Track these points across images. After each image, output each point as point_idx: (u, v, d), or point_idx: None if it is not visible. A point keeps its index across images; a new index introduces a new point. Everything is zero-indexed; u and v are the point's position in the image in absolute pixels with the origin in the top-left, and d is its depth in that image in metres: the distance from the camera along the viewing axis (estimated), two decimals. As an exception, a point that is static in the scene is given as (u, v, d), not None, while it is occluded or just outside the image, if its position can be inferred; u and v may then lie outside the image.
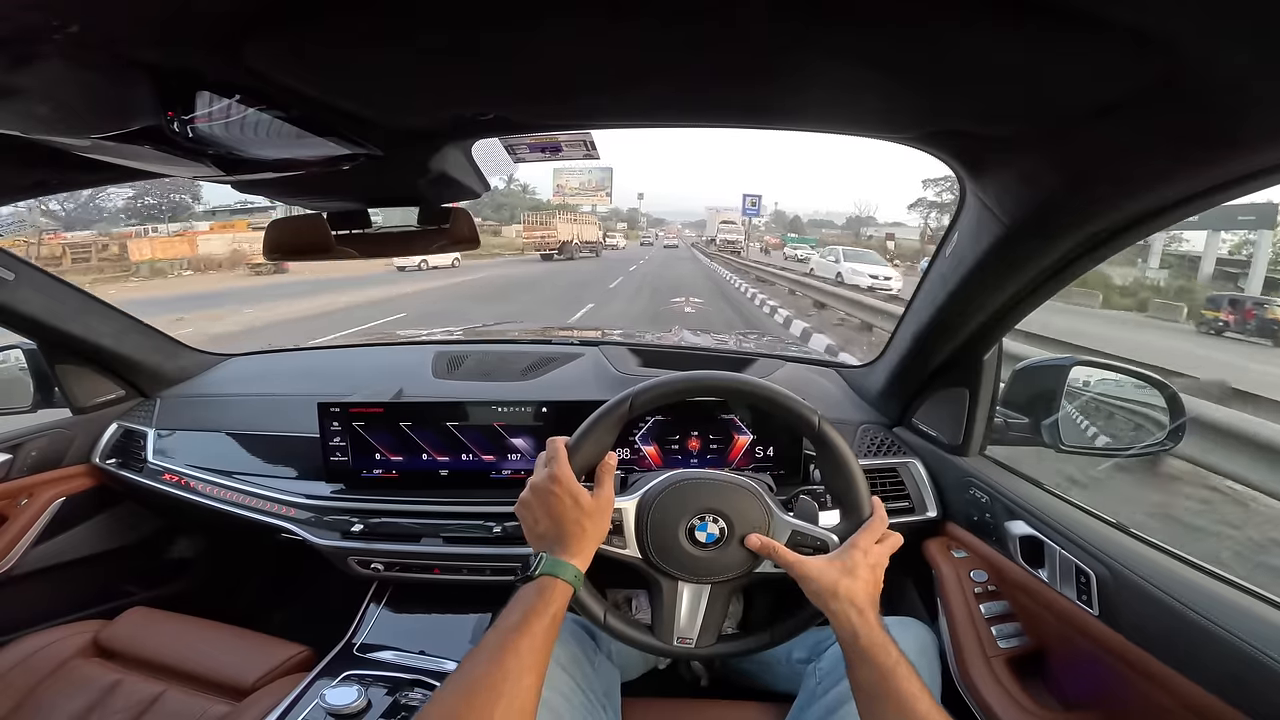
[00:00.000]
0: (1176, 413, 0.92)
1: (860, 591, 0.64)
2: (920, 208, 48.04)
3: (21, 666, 0.97)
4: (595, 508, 0.67)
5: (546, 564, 0.63)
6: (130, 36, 0.41)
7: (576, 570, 0.64)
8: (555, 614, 0.60)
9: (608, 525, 0.70)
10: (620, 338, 1.61)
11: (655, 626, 0.76)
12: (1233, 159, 0.48)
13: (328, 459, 1.10)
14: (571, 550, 0.65)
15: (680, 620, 0.75)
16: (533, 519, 0.68)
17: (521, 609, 0.59)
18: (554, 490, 0.66)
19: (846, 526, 0.73)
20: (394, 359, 1.61)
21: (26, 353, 1.29)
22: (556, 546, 0.66)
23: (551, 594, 0.61)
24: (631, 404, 0.74)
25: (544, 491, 0.67)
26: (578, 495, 0.66)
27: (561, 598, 0.61)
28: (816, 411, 0.74)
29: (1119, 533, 0.79)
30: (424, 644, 1.03)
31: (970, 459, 1.02)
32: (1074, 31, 0.38)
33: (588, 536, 0.67)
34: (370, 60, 0.48)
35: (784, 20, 0.41)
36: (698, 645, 0.75)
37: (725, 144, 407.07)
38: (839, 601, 0.64)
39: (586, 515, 0.66)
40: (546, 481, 0.67)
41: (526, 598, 0.60)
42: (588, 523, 0.66)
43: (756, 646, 0.77)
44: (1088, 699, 0.79)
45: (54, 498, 1.26)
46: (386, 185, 0.80)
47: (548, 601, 0.60)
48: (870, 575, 0.66)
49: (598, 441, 0.73)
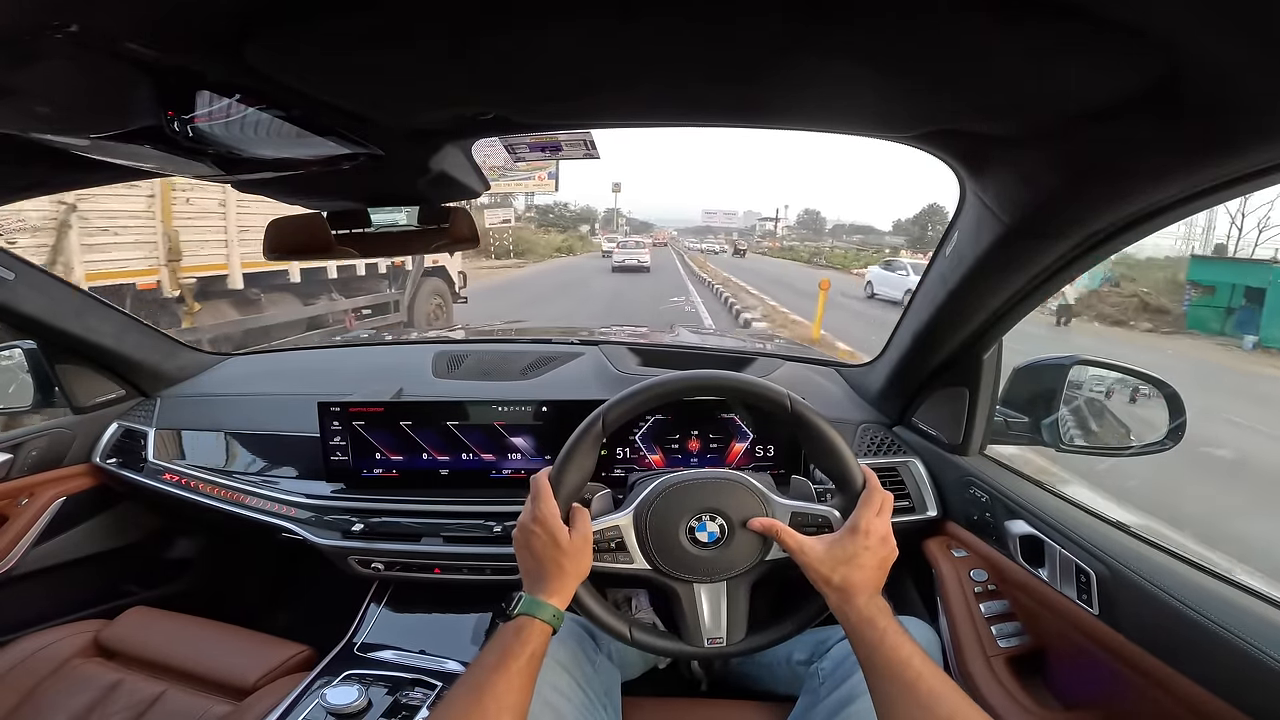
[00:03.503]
0: (1176, 412, 0.91)
1: (858, 579, 0.65)
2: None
3: (22, 666, 0.97)
4: (573, 547, 0.68)
5: (525, 604, 0.65)
6: (130, 35, 0.40)
7: (555, 609, 0.65)
8: (532, 654, 0.61)
9: (588, 562, 0.70)
10: (620, 337, 1.61)
11: (683, 632, 0.76)
12: (1231, 158, 0.48)
13: (328, 458, 1.10)
14: (550, 589, 0.66)
15: (705, 621, 0.75)
16: (521, 557, 0.70)
17: (499, 650, 0.60)
18: (534, 530, 0.68)
19: (844, 501, 0.73)
20: (394, 359, 1.61)
21: (27, 352, 1.29)
22: (537, 586, 0.67)
23: (529, 634, 0.62)
24: (604, 422, 0.74)
25: (527, 531, 0.69)
26: (556, 534, 0.68)
27: (538, 637, 0.62)
28: (788, 394, 0.74)
29: (1119, 532, 0.79)
30: (425, 643, 1.03)
31: (970, 458, 1.02)
32: (1073, 30, 0.38)
33: (566, 575, 0.67)
34: (370, 60, 0.48)
35: (784, 20, 0.41)
36: (729, 643, 0.75)
37: (735, 148, 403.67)
38: (833, 589, 0.65)
39: (565, 555, 0.67)
40: (529, 521, 0.69)
41: (504, 638, 0.61)
42: (566, 562, 0.67)
43: (783, 635, 0.77)
44: (1087, 698, 0.79)
45: (54, 497, 1.26)
46: (386, 185, 0.80)
47: (524, 642, 0.61)
48: (873, 559, 0.66)
49: (579, 466, 0.73)
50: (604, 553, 0.74)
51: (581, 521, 0.70)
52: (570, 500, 0.72)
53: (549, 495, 0.70)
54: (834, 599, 0.66)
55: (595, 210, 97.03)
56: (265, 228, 0.84)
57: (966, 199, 0.76)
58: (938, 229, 10.20)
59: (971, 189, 0.73)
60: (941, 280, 0.87)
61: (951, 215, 0.82)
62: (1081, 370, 0.99)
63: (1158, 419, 0.93)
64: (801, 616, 0.76)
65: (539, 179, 11.90)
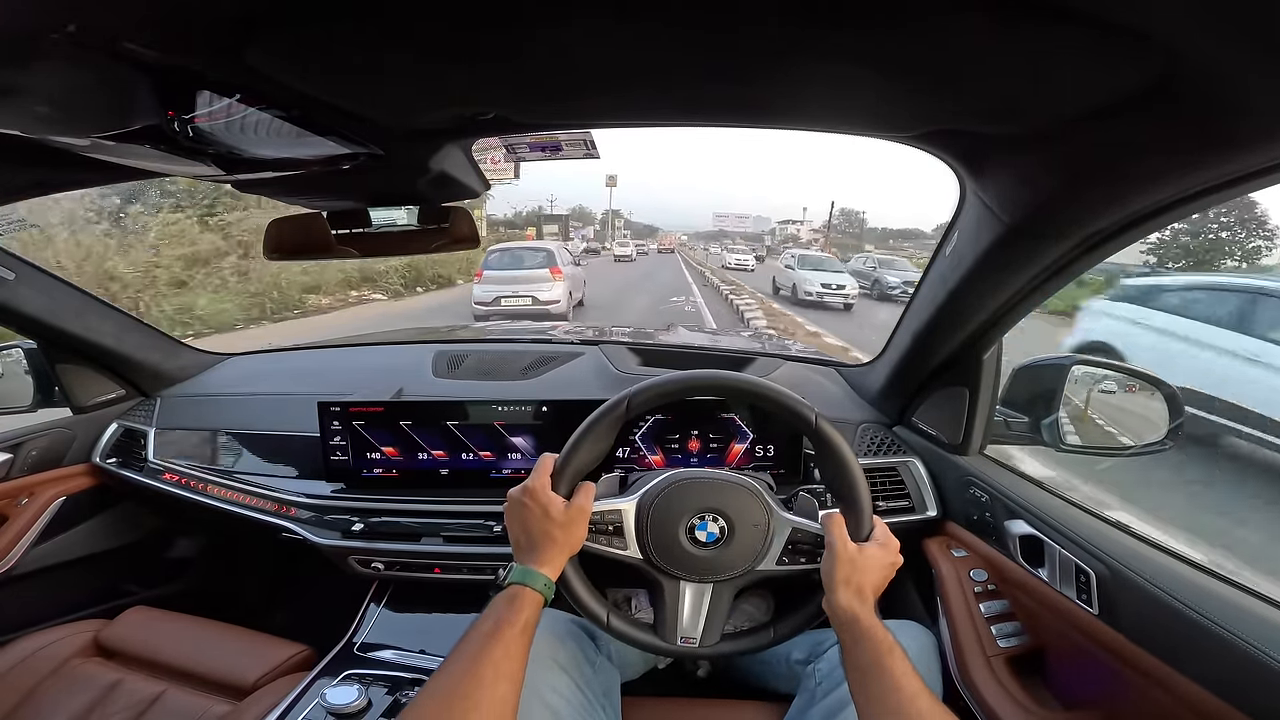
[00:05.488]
0: (1176, 412, 0.91)
1: (867, 582, 0.67)
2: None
3: (22, 666, 0.97)
4: (567, 518, 0.68)
5: (516, 573, 0.65)
6: (130, 36, 0.40)
7: (546, 579, 0.66)
8: (525, 622, 0.61)
9: (581, 535, 0.71)
10: (620, 337, 1.61)
11: (658, 627, 0.76)
12: (1231, 158, 0.48)
13: (328, 458, 1.10)
14: (541, 559, 0.67)
15: (683, 620, 0.75)
16: (510, 529, 0.71)
17: (494, 618, 0.60)
18: (525, 501, 0.69)
19: (847, 519, 0.73)
20: (394, 358, 1.61)
21: (27, 352, 1.29)
22: (527, 556, 0.68)
23: (521, 603, 0.62)
24: (629, 404, 0.74)
25: (516, 503, 0.70)
26: (548, 505, 0.68)
27: (531, 606, 0.62)
28: (814, 409, 0.74)
29: (1119, 532, 0.79)
30: (424, 643, 1.03)
31: (970, 458, 1.02)
32: (1073, 31, 0.38)
33: (558, 546, 0.68)
34: (370, 60, 0.48)
35: (784, 20, 0.41)
36: (701, 644, 0.75)
37: (747, 148, 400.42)
38: (852, 589, 0.67)
39: (557, 525, 0.68)
40: (519, 493, 0.70)
41: (498, 607, 0.62)
42: (558, 533, 0.68)
43: (759, 645, 0.77)
44: (1087, 698, 0.79)
45: (54, 497, 1.26)
46: (387, 184, 0.80)
47: (517, 610, 0.61)
48: (879, 570, 0.69)
49: (594, 445, 0.73)
50: (600, 534, 0.75)
51: (582, 494, 0.71)
52: (577, 477, 0.72)
53: (545, 469, 0.71)
54: (848, 599, 0.66)
55: (591, 211, 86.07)
56: (265, 227, 0.84)
57: (966, 199, 0.76)
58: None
59: (971, 189, 0.73)
60: (941, 280, 0.87)
61: (952, 215, 0.82)
62: (1081, 370, 1.00)
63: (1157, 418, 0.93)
64: (782, 628, 0.77)
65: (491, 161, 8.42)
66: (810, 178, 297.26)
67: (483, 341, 1.73)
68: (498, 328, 2.37)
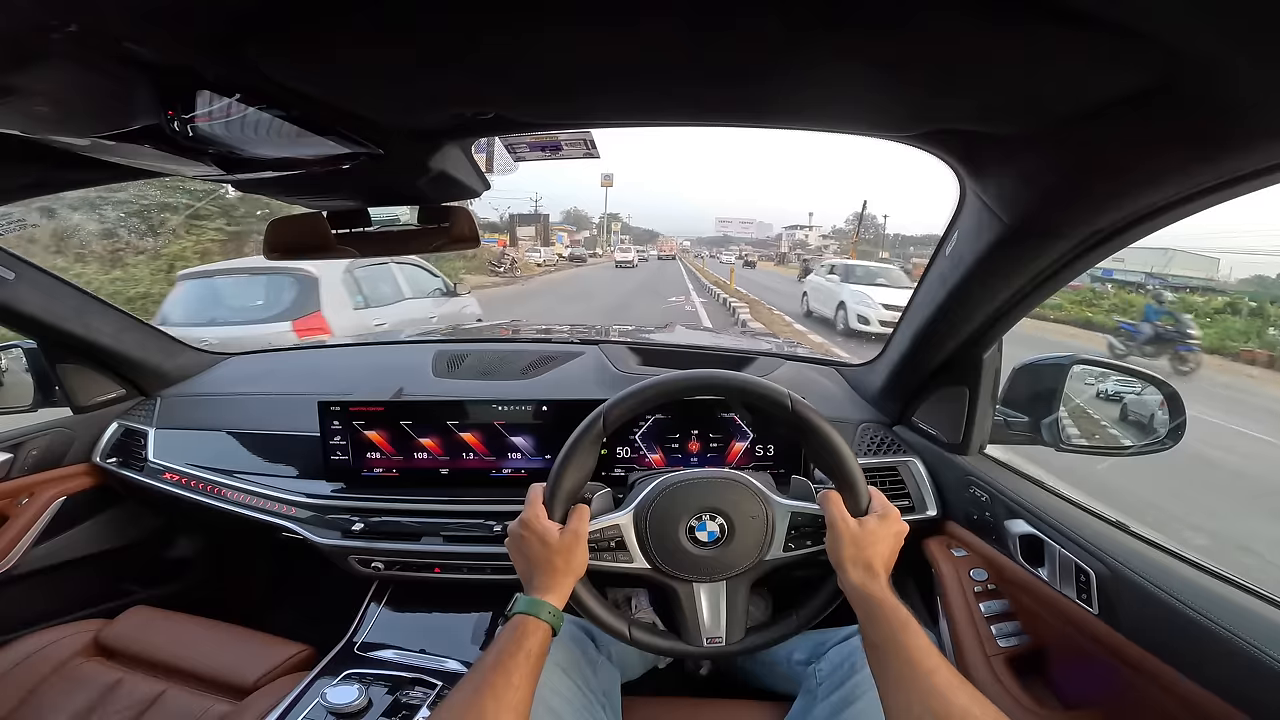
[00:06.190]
0: (1176, 412, 0.92)
1: (875, 555, 0.68)
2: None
3: (22, 666, 0.97)
4: (563, 544, 0.69)
5: (521, 604, 0.65)
6: (130, 35, 0.40)
7: (552, 607, 0.66)
8: (530, 652, 0.61)
9: (583, 559, 0.71)
10: (620, 336, 1.61)
11: (682, 631, 0.76)
12: (1230, 158, 0.48)
13: (328, 458, 1.10)
14: (546, 588, 0.67)
15: (704, 621, 0.75)
16: (514, 561, 0.72)
17: (497, 650, 0.60)
18: (522, 534, 0.70)
19: (846, 500, 0.73)
20: (394, 358, 1.61)
21: (27, 352, 1.29)
22: (532, 586, 0.68)
23: (524, 633, 0.62)
24: (605, 420, 0.74)
25: (515, 536, 0.71)
26: (544, 534, 0.69)
27: (534, 635, 0.62)
28: (788, 393, 0.74)
29: (1119, 531, 0.79)
30: (425, 643, 1.03)
31: (970, 457, 1.02)
32: (1073, 31, 0.38)
33: (559, 573, 0.68)
34: (370, 60, 0.48)
35: (784, 20, 0.41)
36: (728, 642, 0.75)
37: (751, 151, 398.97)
38: (855, 565, 0.67)
39: (556, 552, 0.68)
40: (516, 526, 0.71)
41: (501, 638, 0.62)
42: (559, 560, 0.68)
43: (786, 632, 0.77)
44: (1087, 698, 0.79)
45: (54, 497, 1.26)
46: (386, 184, 0.80)
47: (520, 641, 0.61)
48: (884, 542, 0.69)
49: (579, 466, 0.73)
50: (604, 551, 0.74)
51: (576, 518, 0.71)
52: (570, 500, 0.72)
53: (536, 500, 0.71)
54: (859, 576, 0.66)
55: (586, 214, 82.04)
56: (265, 227, 0.84)
57: (966, 199, 0.76)
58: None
59: (971, 189, 0.73)
60: (941, 280, 0.87)
61: (952, 215, 0.82)
62: (1081, 369, 1.00)
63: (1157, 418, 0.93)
64: (804, 615, 0.77)
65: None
66: (816, 182, 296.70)
67: (482, 341, 1.73)
68: (498, 327, 2.37)
